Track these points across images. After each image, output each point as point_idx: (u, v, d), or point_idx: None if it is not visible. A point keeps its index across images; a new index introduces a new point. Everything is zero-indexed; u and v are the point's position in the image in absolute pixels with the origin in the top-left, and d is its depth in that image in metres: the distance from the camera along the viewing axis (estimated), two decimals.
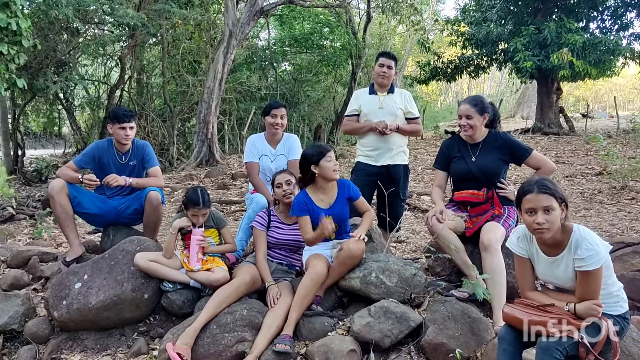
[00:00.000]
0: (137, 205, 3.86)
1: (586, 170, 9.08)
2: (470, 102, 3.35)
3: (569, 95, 28.25)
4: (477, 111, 3.30)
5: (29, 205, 7.84)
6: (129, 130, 3.84)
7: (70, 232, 3.84)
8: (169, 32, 12.98)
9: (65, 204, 3.72)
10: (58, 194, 3.70)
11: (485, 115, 3.33)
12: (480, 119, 3.31)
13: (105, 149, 3.93)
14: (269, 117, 3.93)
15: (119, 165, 3.91)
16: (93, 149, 3.97)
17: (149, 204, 3.77)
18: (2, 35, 5.93)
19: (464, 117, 3.32)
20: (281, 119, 3.93)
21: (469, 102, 3.35)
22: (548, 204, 2.25)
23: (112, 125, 3.84)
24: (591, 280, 2.25)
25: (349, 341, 2.79)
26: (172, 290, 3.31)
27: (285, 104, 4.05)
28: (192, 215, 3.36)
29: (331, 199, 3.31)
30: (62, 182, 3.74)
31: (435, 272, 3.57)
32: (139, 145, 3.99)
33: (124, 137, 3.84)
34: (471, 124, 3.30)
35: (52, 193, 3.71)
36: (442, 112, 28.76)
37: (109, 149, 3.93)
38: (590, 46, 13.11)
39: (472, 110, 3.30)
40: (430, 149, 13.13)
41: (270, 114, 3.92)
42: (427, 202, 7.15)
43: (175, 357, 2.73)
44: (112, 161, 3.92)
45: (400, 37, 23.64)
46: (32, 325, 3.30)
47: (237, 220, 6.34)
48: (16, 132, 12.85)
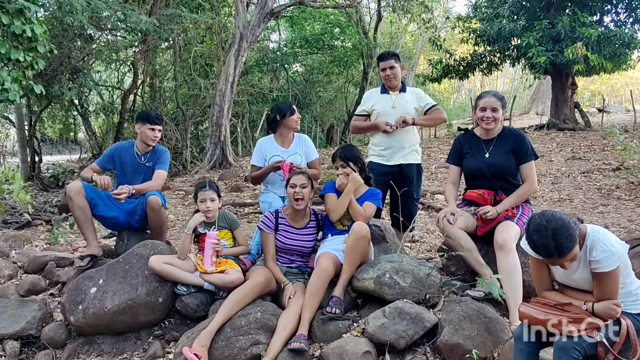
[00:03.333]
0: (142, 210, 3.93)
1: (603, 165, 8.93)
2: (495, 95, 3.35)
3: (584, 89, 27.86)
4: (502, 105, 3.31)
5: (46, 210, 7.95)
6: (157, 132, 4.03)
7: (89, 232, 3.91)
8: (181, 36, 13.10)
9: (83, 205, 3.79)
10: (76, 196, 3.76)
11: (505, 111, 3.34)
12: (502, 113, 3.32)
13: (126, 149, 4.08)
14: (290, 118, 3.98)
15: (137, 165, 4.04)
16: (113, 150, 4.13)
17: (149, 208, 3.82)
18: (17, 43, 6.02)
19: (490, 109, 3.27)
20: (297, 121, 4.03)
21: (495, 95, 3.34)
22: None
23: (141, 125, 4.00)
24: (608, 281, 2.20)
25: (363, 343, 2.77)
26: (186, 293, 3.32)
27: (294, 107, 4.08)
28: (200, 201, 3.42)
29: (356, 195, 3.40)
30: (79, 184, 3.81)
31: (449, 272, 3.53)
32: (159, 150, 4.15)
33: (152, 137, 4.01)
34: (496, 116, 3.28)
35: (70, 194, 3.79)
36: (455, 110, 28.55)
37: (129, 149, 4.08)
38: (605, 40, 12.90)
39: (499, 103, 3.29)
40: (443, 147, 13.03)
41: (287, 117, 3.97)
42: (441, 201, 7.09)
43: (193, 358, 2.73)
44: (131, 160, 4.04)
45: (412, 36, 23.55)
46: (49, 330, 3.33)
47: (250, 222, 6.36)
48: (33, 138, 13.05)
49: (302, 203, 3.35)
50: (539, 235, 2.17)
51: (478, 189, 3.35)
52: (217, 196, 3.47)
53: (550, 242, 2.14)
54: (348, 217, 3.38)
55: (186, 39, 13.81)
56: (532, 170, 3.29)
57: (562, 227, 2.13)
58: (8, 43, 5.84)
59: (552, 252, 2.15)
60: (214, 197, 3.44)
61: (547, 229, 2.14)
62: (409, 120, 3.96)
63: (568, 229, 2.13)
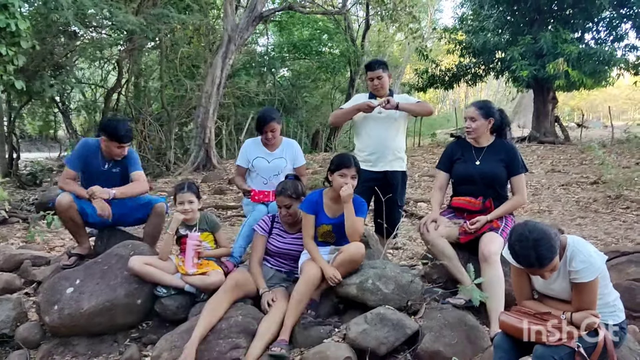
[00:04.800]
0: (140, 215, 3.81)
1: (581, 179, 9.11)
2: (475, 105, 3.40)
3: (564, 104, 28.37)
4: (481, 114, 3.32)
5: (22, 208, 7.78)
6: (125, 150, 3.71)
7: (81, 236, 3.80)
8: (168, 36, 13.00)
9: (75, 217, 3.62)
10: (67, 211, 3.57)
11: (491, 120, 3.34)
12: (484, 122, 3.33)
13: (93, 153, 3.74)
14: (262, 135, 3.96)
15: (101, 172, 3.73)
16: (82, 149, 3.77)
17: (155, 215, 3.74)
18: (1, 37, 5.91)
19: (469, 119, 3.35)
20: (272, 133, 3.92)
21: (475, 105, 3.39)
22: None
23: (107, 141, 3.63)
24: (587, 292, 2.24)
25: (344, 348, 2.76)
26: (166, 295, 3.27)
27: (274, 116, 3.95)
28: (178, 203, 3.39)
29: (339, 211, 3.27)
30: (69, 197, 3.56)
31: (431, 279, 3.54)
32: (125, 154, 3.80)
33: (119, 154, 3.70)
34: (474, 126, 3.32)
35: (60, 209, 3.57)
36: (440, 120, 28.84)
37: (96, 153, 3.74)
38: (586, 56, 13.21)
39: (477, 113, 3.32)
40: (427, 156, 13.15)
41: (263, 131, 3.93)
42: (424, 209, 7.14)
43: None
44: (96, 167, 3.74)
45: (399, 45, 23.77)
46: (24, 330, 3.25)
47: (233, 225, 6.32)
48: (11, 134, 12.79)
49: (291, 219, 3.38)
50: (520, 245, 2.19)
51: (465, 195, 3.37)
52: (196, 198, 3.44)
53: (531, 253, 2.16)
54: (331, 234, 3.33)
55: (173, 40, 13.71)
56: (522, 183, 3.33)
57: (544, 238, 2.16)
58: None
59: (533, 262, 2.17)
60: (192, 199, 3.41)
61: (529, 239, 2.16)
62: (392, 102, 3.92)
63: (549, 239, 2.16)
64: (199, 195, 3.50)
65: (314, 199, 3.30)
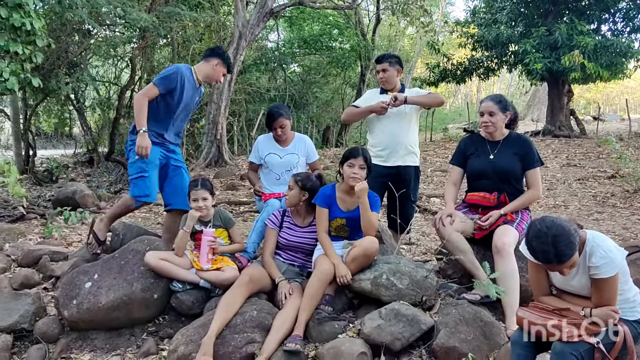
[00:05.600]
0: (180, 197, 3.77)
1: (598, 173, 8.98)
2: (493, 99, 3.34)
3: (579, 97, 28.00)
4: (499, 108, 3.29)
5: (39, 204, 7.89)
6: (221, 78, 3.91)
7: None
8: (179, 33, 13.04)
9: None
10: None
11: (508, 114, 3.32)
12: (502, 116, 3.30)
13: (188, 78, 3.76)
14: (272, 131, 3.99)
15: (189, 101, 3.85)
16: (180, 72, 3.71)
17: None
18: (16, 36, 5.98)
19: (487, 114, 3.31)
20: (282, 129, 3.94)
21: (492, 99, 3.34)
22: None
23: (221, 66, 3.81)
24: (607, 288, 2.21)
25: (359, 344, 2.77)
26: (181, 290, 3.30)
27: (282, 112, 3.96)
28: (192, 200, 3.40)
29: (353, 205, 3.29)
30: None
31: (446, 275, 3.53)
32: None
33: (221, 80, 3.97)
34: (493, 121, 3.29)
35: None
36: (452, 115, 28.61)
37: (191, 80, 3.80)
38: (602, 48, 12.98)
39: (495, 107, 3.29)
40: (439, 151, 13.06)
41: (272, 127, 3.96)
42: (437, 204, 7.10)
43: None
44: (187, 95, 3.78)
45: (410, 39, 23.60)
46: (42, 324, 3.30)
47: (246, 221, 6.34)
48: (27, 132, 12.96)
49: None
50: (538, 241, 2.17)
51: (480, 190, 3.35)
52: (210, 195, 3.44)
53: (549, 249, 2.13)
54: (345, 228, 3.35)
55: (185, 37, 13.73)
56: (537, 177, 3.30)
57: (562, 234, 2.13)
58: (7, 36, 5.81)
59: (552, 259, 2.15)
60: (206, 196, 3.42)
61: (547, 235, 2.13)
62: (400, 97, 3.90)
63: (568, 236, 2.13)
64: (213, 192, 3.51)
65: (327, 193, 3.31)
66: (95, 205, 7.23)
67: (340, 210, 3.30)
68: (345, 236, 3.36)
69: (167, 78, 3.67)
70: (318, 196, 3.32)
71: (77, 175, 14.09)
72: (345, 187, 3.28)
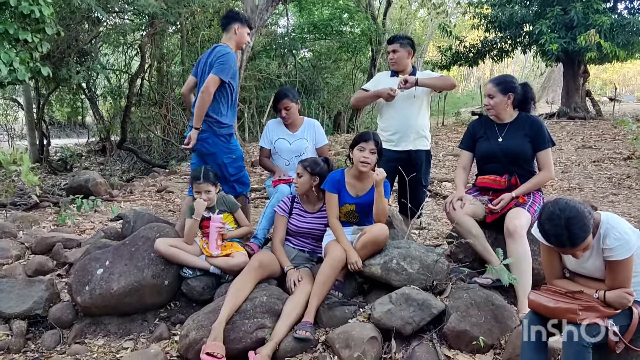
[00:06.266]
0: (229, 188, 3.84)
1: (614, 154, 8.83)
2: (493, 81, 3.32)
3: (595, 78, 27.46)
4: (499, 90, 3.24)
5: (54, 193, 7.99)
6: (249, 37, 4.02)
7: None
8: (188, 20, 12.99)
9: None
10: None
11: (510, 95, 3.24)
12: (503, 98, 3.23)
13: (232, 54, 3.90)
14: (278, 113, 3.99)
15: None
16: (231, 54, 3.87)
17: None
18: (25, 24, 6.00)
19: (487, 96, 3.30)
20: (286, 110, 3.93)
21: (492, 82, 3.32)
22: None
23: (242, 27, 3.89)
24: (621, 270, 2.16)
25: (369, 328, 2.76)
26: (191, 276, 3.32)
27: (288, 94, 3.97)
28: (195, 192, 3.41)
29: (363, 190, 3.27)
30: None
31: (457, 259, 3.50)
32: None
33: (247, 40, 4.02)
34: (492, 103, 3.27)
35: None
36: (464, 98, 28.25)
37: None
38: (619, 27, 12.66)
39: (494, 89, 3.25)
40: (451, 135, 12.93)
41: (277, 108, 3.97)
42: (449, 188, 7.04)
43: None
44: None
45: (421, 22, 23.26)
46: (56, 310, 3.34)
47: (257, 207, 6.35)
48: (41, 121, 13.09)
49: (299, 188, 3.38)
50: (551, 224, 2.12)
51: (490, 173, 3.30)
52: (212, 186, 3.43)
53: (562, 232, 2.09)
54: (354, 214, 3.32)
55: (194, 23, 13.69)
56: (549, 158, 3.24)
57: (576, 216, 2.08)
58: (16, 24, 5.82)
59: (565, 241, 2.11)
60: (209, 188, 3.41)
61: (560, 218, 2.09)
62: (411, 80, 3.82)
63: (582, 218, 2.08)
64: (215, 182, 3.48)
65: (337, 178, 3.28)
66: (107, 193, 7.30)
67: (349, 195, 3.27)
68: (354, 222, 3.34)
69: (227, 66, 3.71)
70: (327, 181, 3.29)
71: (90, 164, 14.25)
72: (355, 172, 3.25)
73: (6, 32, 5.64)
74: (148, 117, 14.95)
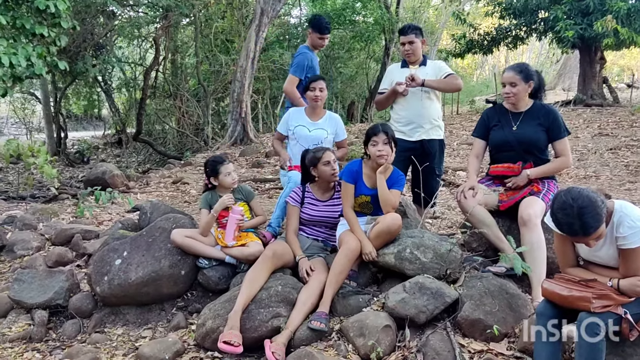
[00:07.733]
0: None
1: (631, 142, 8.67)
2: (514, 69, 3.24)
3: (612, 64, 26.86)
4: (522, 78, 3.18)
5: (72, 185, 8.13)
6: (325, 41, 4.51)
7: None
8: (202, 12, 13.02)
9: None
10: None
11: (530, 83, 3.21)
12: (525, 86, 3.19)
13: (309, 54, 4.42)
14: (309, 92, 3.95)
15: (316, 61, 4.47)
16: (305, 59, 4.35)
17: None
18: (41, 19, 6.08)
19: (508, 84, 3.21)
20: (320, 92, 3.93)
21: (514, 69, 3.23)
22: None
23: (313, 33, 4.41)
24: (635, 258, 2.16)
25: (383, 317, 2.79)
26: (207, 267, 3.38)
27: (323, 77, 4.08)
28: (224, 175, 3.47)
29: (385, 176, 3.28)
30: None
31: (471, 248, 3.50)
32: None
33: (322, 45, 4.52)
34: (514, 91, 3.20)
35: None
36: (478, 86, 27.91)
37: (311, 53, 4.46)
38: (636, 12, 12.37)
39: (517, 77, 3.18)
40: (466, 124, 12.81)
41: (310, 88, 3.94)
42: (463, 177, 7.00)
43: (228, 349, 2.73)
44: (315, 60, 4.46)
45: (435, 10, 22.98)
46: (76, 300, 3.42)
47: (271, 197, 6.39)
48: (58, 115, 13.28)
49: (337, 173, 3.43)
50: (563, 213, 2.12)
51: (503, 162, 3.28)
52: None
53: (575, 221, 2.09)
54: (369, 205, 3.33)
55: (207, 15, 13.72)
56: (566, 146, 3.21)
57: (589, 205, 2.07)
58: (33, 18, 5.90)
59: (577, 231, 2.10)
60: (234, 168, 3.54)
61: (573, 207, 2.08)
62: (418, 78, 3.84)
63: (594, 207, 2.07)
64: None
65: (354, 169, 3.29)
66: (124, 185, 7.40)
67: (366, 187, 3.28)
68: (368, 213, 3.36)
69: (297, 64, 4.32)
70: (344, 171, 3.31)
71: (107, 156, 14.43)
72: (373, 165, 3.25)
73: (23, 26, 5.73)
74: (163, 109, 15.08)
